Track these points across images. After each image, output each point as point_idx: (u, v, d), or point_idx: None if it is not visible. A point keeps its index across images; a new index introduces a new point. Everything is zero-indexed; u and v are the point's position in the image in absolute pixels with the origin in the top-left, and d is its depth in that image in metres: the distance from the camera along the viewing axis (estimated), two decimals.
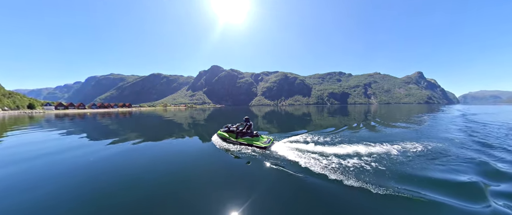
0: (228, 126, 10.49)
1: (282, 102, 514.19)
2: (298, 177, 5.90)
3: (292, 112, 53.92)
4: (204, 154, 8.67)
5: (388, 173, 6.17)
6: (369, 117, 30.39)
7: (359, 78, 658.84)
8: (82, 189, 5.34)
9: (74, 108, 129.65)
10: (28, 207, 4.50)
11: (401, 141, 10.64)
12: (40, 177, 6.34)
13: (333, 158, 7.49)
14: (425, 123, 21.16)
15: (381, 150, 8.65)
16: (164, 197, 4.85)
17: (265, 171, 6.58)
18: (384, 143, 9.89)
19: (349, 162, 7.05)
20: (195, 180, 5.90)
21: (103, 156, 8.60)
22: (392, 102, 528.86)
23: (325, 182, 5.55)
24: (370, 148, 8.80)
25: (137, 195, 4.94)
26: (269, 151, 8.39)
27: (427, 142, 10.68)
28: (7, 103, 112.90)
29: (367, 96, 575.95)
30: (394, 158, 7.64)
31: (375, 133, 14.21)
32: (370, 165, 6.81)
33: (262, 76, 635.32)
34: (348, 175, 5.90)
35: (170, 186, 5.43)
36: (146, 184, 5.60)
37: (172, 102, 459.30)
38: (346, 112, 49.51)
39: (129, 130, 17.90)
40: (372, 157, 7.75)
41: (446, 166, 6.91)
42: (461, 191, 5.08)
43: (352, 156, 7.86)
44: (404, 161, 7.27)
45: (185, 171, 6.69)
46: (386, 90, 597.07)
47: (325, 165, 6.75)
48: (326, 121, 24.63)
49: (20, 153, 9.41)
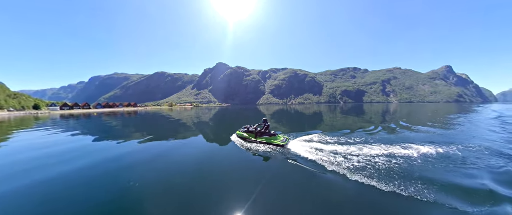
0: (247, 127, 11.61)
1: (291, 100, 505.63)
2: (312, 172, 6.79)
3: (302, 111, 52.70)
4: (227, 153, 9.73)
5: (405, 176, 6.27)
6: (387, 118, 28.93)
7: (376, 74, 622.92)
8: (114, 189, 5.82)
9: (79, 108, 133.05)
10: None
11: (424, 144, 10.37)
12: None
13: (346, 156, 8.23)
14: (453, 125, 19.26)
15: (399, 152, 8.80)
16: (198, 190, 5.63)
17: (282, 166, 7.59)
18: (404, 145, 9.87)
19: (361, 161, 7.59)
20: (222, 175, 6.80)
21: (138, 156, 9.47)
22: (415, 100, 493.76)
23: (338, 178, 6.27)
24: (388, 149, 9.11)
25: (171, 190, 5.71)
26: (285, 148, 9.49)
27: (454, 146, 10.00)
28: (12, 104, 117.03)
29: (385, 93, 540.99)
30: (415, 162, 7.63)
31: (393, 135, 13.95)
32: (385, 165, 7.19)
33: (270, 73, 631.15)
34: (358, 172, 6.50)
35: (202, 180, 6.34)
36: (182, 181, 6.39)
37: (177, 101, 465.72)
38: (361, 111, 47.86)
39: (149, 130, 18.99)
40: (388, 157, 8.05)
41: (475, 177, 6.31)
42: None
43: (366, 155, 8.31)
44: (426, 166, 7.19)
45: (213, 168, 7.53)
46: (408, 87, 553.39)
47: (337, 162, 7.49)
48: (339, 121, 23.79)
49: (55, 156, 9.79)
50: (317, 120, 26.96)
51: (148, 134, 16.52)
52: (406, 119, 25.58)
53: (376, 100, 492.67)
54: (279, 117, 33.85)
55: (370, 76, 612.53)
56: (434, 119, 24.63)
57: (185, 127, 21.01)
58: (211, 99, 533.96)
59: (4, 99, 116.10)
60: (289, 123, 24.02)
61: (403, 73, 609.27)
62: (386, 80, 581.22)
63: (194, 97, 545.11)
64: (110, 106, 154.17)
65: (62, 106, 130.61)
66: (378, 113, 39.32)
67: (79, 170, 7.59)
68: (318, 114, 39.30)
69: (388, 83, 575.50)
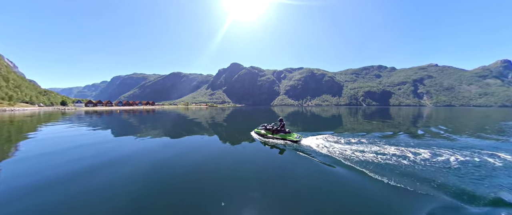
0: (265, 125, 13.13)
1: (307, 102, 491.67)
2: (320, 164, 7.74)
3: (319, 113, 50.27)
4: (247, 147, 10.81)
5: (435, 182, 6.02)
6: (419, 122, 25.77)
7: (406, 72, 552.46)
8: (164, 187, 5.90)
9: (102, 105, 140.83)
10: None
11: (459, 151, 9.43)
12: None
13: (358, 153, 8.88)
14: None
15: (427, 156, 8.59)
16: (229, 179, 6.38)
17: (294, 157, 8.81)
18: (437, 150, 9.44)
19: (369, 156, 8.33)
20: (245, 166, 7.77)
21: (166, 152, 9.97)
22: (456, 103, 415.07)
23: (347, 171, 6.89)
24: (415, 153, 8.97)
25: (198, 182, 6.21)
26: (299, 144, 10.75)
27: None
28: (42, 100, 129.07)
29: (417, 95, 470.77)
30: (444, 168, 7.23)
31: (421, 140, 12.65)
32: (407, 166, 7.37)
33: (285, 73, 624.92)
34: (367, 167, 7.02)
35: (229, 172, 7.16)
36: (212, 171, 7.24)
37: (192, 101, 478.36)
38: (387, 115, 43.89)
39: (173, 128, 19.81)
40: (411, 160, 8.07)
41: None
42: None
43: (384, 154, 8.63)
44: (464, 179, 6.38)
45: (237, 159, 8.61)
46: (447, 87, 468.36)
47: (348, 157, 8.20)
48: (360, 126, 21.80)
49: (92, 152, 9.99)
50: (333, 123, 25.43)
51: (172, 131, 17.41)
52: (444, 124, 22.82)
53: (405, 103, 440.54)
54: (294, 119, 32.46)
55: (398, 75, 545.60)
56: (488, 127, 21.00)
57: (208, 125, 21.57)
58: (225, 100, 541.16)
59: (36, 95, 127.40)
60: (303, 125, 23.24)
61: (440, 71, 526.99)
62: (418, 79, 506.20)
63: (209, 97, 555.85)
64: (130, 104, 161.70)
65: (87, 103, 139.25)
66: (408, 118, 35.91)
67: (112, 164, 7.88)
68: (336, 117, 36.88)
69: (420, 83, 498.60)
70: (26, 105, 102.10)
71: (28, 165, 7.60)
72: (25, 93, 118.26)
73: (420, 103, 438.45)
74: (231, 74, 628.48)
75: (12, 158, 8.69)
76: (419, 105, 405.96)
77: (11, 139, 13.35)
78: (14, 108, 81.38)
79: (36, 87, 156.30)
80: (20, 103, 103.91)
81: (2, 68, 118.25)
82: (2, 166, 7.47)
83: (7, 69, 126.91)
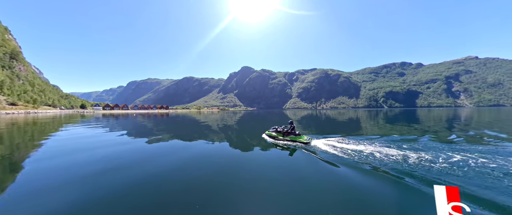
0: (276, 128, 13.43)
1: (322, 104, 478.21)
2: (328, 164, 7.80)
3: (334, 116, 47.45)
4: (259, 149, 10.97)
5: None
6: (457, 125, 22.45)
7: (436, 68, 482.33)
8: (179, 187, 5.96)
9: (118, 108, 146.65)
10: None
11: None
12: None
13: (370, 155, 8.74)
14: None
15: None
16: (243, 179, 6.49)
17: (304, 158, 8.95)
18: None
19: (385, 157, 8.24)
20: (257, 167, 7.91)
21: (180, 154, 9.92)
22: (507, 103, 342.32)
23: (353, 172, 6.90)
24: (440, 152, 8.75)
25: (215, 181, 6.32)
26: (309, 146, 10.99)
27: None
28: (63, 103, 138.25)
29: (452, 94, 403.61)
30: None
31: (450, 144, 10.96)
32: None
33: (297, 75, 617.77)
34: (381, 167, 7.02)
35: (243, 173, 7.26)
36: (228, 174, 7.20)
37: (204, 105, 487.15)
38: (413, 117, 39.66)
39: (189, 130, 20.17)
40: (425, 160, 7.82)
41: None
42: None
43: (400, 156, 8.39)
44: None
45: (250, 161, 8.73)
46: (492, 83, 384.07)
47: (358, 158, 8.19)
48: (379, 129, 19.79)
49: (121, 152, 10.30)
50: (349, 126, 23.50)
51: (189, 133, 17.79)
52: (489, 128, 19.57)
53: (436, 104, 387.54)
54: (307, 122, 30.65)
55: (426, 72, 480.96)
56: None
57: (221, 128, 21.76)
58: (236, 103, 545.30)
59: (58, 99, 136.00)
60: (317, 129, 22.07)
61: (482, 65, 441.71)
62: (452, 75, 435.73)
63: (220, 101, 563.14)
64: (145, 108, 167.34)
65: (105, 107, 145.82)
66: (440, 120, 31.85)
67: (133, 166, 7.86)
68: (353, 120, 33.86)
69: (456, 80, 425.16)
70: (48, 108, 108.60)
71: (54, 164, 7.89)
72: (49, 97, 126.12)
73: (456, 104, 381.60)
74: (242, 77, 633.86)
75: (37, 156, 9.16)
76: (455, 106, 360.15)
77: (35, 139, 14.15)
78: (37, 111, 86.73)
79: (58, 91, 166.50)
80: (43, 106, 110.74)
81: (29, 74, 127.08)
82: (28, 164, 7.88)
83: (33, 75, 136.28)
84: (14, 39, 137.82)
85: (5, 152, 9.79)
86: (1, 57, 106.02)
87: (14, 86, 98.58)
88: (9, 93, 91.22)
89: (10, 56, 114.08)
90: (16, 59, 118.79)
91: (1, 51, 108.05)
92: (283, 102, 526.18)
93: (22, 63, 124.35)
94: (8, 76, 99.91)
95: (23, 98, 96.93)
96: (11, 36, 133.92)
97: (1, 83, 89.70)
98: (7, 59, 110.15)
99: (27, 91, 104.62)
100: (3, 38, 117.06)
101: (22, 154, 9.61)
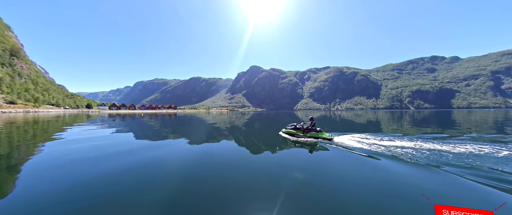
0: (294, 125, 12.99)
1: (336, 105, 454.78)
2: (366, 159, 7.52)
3: (351, 118, 39.67)
4: (280, 145, 10.56)
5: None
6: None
7: (477, 62, 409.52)
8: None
9: (125, 108, 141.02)
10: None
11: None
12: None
13: (404, 147, 8.80)
14: None
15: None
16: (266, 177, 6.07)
17: (330, 153, 8.74)
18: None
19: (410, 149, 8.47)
20: (281, 163, 7.53)
21: (190, 155, 9.07)
22: None
23: (396, 164, 6.78)
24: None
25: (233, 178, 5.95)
26: (333, 142, 10.80)
27: None
28: (68, 103, 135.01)
29: (501, 93, 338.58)
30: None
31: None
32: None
33: (309, 74, 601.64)
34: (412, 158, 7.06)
35: (267, 171, 6.77)
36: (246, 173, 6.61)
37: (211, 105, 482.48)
38: (448, 121, 28.55)
39: (199, 131, 18.27)
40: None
41: None
42: None
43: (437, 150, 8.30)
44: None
45: (273, 159, 8.20)
46: None
47: (394, 153, 7.96)
48: (405, 130, 17.20)
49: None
50: (368, 128, 20.83)
51: (200, 134, 16.36)
52: None
53: (480, 104, 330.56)
54: (319, 124, 23.81)
55: (464, 67, 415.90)
56: None
57: (236, 128, 20.74)
58: (245, 104, 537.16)
59: (62, 98, 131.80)
60: (332, 127, 20.88)
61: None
62: (501, 70, 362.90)
63: (228, 102, 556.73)
64: (153, 108, 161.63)
65: (111, 106, 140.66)
66: (489, 122, 21.32)
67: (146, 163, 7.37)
68: (372, 122, 27.50)
69: (507, 74, 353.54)
70: (51, 107, 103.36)
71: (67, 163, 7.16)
72: (53, 96, 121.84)
73: (507, 104, 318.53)
74: (250, 77, 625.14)
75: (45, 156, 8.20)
76: (506, 107, 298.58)
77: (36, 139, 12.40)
78: (38, 110, 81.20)
79: (64, 91, 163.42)
80: (46, 105, 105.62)
81: (32, 73, 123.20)
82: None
83: (37, 74, 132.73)
84: (15, 36, 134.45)
85: None
86: (0, 54, 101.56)
87: (14, 84, 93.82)
88: (8, 91, 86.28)
89: (10, 53, 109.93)
90: (16, 57, 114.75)
91: (0, 47, 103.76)
92: (294, 103, 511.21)
93: (23, 61, 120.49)
94: (8, 74, 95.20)
95: (23, 97, 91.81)
96: (12, 33, 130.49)
97: (0, 80, 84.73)
98: (6, 56, 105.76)
99: (28, 90, 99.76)
100: (2, 34, 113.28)
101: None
